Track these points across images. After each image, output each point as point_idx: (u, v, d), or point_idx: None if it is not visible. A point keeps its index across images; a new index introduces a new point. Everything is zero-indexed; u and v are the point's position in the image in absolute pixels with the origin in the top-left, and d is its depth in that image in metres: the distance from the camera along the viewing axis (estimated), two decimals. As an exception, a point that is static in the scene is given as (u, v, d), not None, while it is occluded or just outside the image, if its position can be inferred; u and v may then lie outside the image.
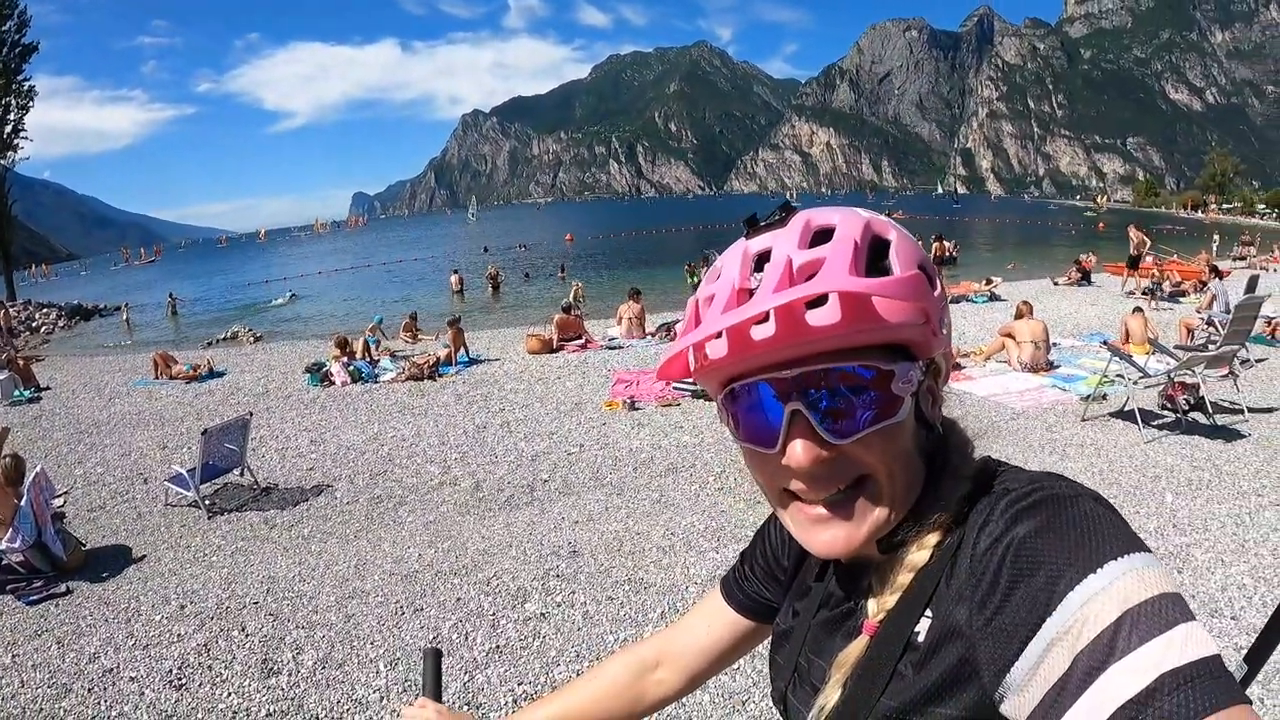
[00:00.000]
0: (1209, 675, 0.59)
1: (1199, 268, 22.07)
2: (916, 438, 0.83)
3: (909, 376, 0.79)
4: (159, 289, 43.21)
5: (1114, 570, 0.64)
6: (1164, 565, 0.64)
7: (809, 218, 0.80)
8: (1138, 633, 0.61)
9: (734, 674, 4.04)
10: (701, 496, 7.11)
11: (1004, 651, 0.67)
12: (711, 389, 0.86)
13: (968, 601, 0.73)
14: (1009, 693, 0.67)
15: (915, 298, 0.76)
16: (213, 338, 22.34)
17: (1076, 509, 0.71)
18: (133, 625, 5.03)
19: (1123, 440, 8.28)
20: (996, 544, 0.72)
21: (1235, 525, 5.90)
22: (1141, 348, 11.52)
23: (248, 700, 4.07)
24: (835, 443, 0.77)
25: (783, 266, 0.74)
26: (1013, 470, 0.83)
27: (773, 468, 0.82)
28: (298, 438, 9.97)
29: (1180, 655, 0.59)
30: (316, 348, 17.25)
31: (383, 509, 7.42)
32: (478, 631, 4.71)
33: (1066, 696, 0.62)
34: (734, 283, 0.78)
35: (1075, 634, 0.63)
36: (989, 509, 0.76)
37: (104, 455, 9.56)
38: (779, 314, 0.72)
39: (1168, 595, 0.63)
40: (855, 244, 0.75)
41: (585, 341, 16.03)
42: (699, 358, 0.80)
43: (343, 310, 30.04)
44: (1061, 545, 0.68)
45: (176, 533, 7.06)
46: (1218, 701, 0.57)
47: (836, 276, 0.72)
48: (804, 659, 0.96)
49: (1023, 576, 0.68)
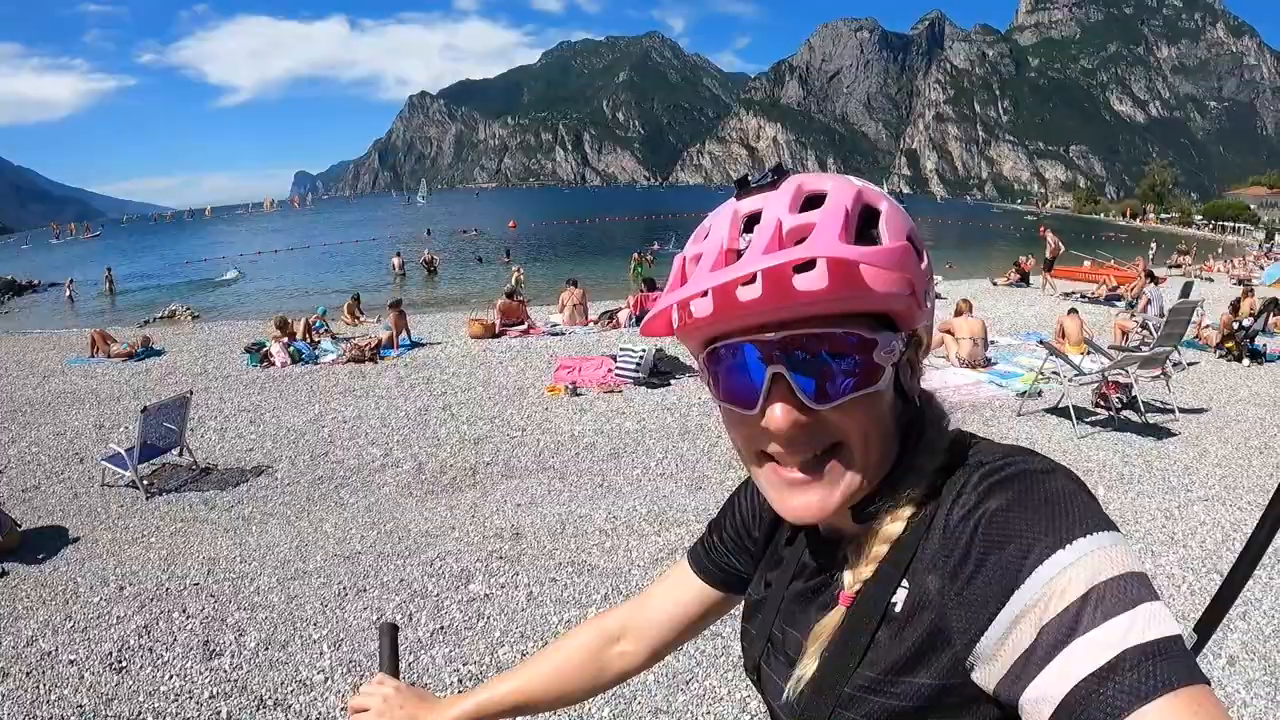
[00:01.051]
0: (1170, 653, 0.60)
1: (1135, 273, 22.62)
2: (894, 408, 0.84)
3: (891, 346, 0.79)
4: (95, 265, 42.26)
5: (1083, 546, 0.66)
6: (1131, 545, 0.69)
7: (801, 182, 0.79)
8: (1103, 608, 0.63)
9: (678, 654, 4.09)
10: (644, 481, 7.19)
11: (974, 621, 0.69)
12: (693, 347, 0.86)
13: (940, 571, 0.74)
14: (979, 662, 0.70)
15: (902, 268, 0.76)
16: (150, 316, 21.88)
17: (1049, 484, 0.73)
18: (70, 608, 4.97)
19: (1056, 435, 8.55)
20: (969, 516, 0.73)
21: (1165, 518, 6.14)
22: (1077, 347, 11.81)
23: (190, 682, 4.04)
24: (815, 407, 0.78)
25: (772, 229, 0.74)
26: (986, 444, 0.84)
27: (750, 428, 0.82)
28: (237, 418, 9.84)
29: (1143, 632, 0.61)
30: (256, 328, 17.00)
31: (324, 490, 7.37)
32: (422, 612, 4.73)
33: (1032, 667, 0.64)
34: (723, 242, 0.77)
35: (1043, 606, 0.65)
36: (963, 481, 0.78)
37: (38, 434, 9.34)
38: (766, 276, 0.71)
39: (1134, 574, 0.65)
40: (846, 211, 0.75)
41: (528, 327, 16.02)
42: (683, 315, 0.79)
43: (285, 290, 29.67)
44: (1033, 519, 0.69)
45: (114, 513, 6.94)
46: (1177, 679, 0.59)
47: (826, 242, 0.72)
48: (778, 630, 0.98)
49: (994, 549, 0.70)
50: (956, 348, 12.00)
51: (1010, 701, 0.67)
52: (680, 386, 10.81)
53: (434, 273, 32.17)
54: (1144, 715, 0.58)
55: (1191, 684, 0.59)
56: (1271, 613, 4.65)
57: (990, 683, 0.69)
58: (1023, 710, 0.65)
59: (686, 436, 8.54)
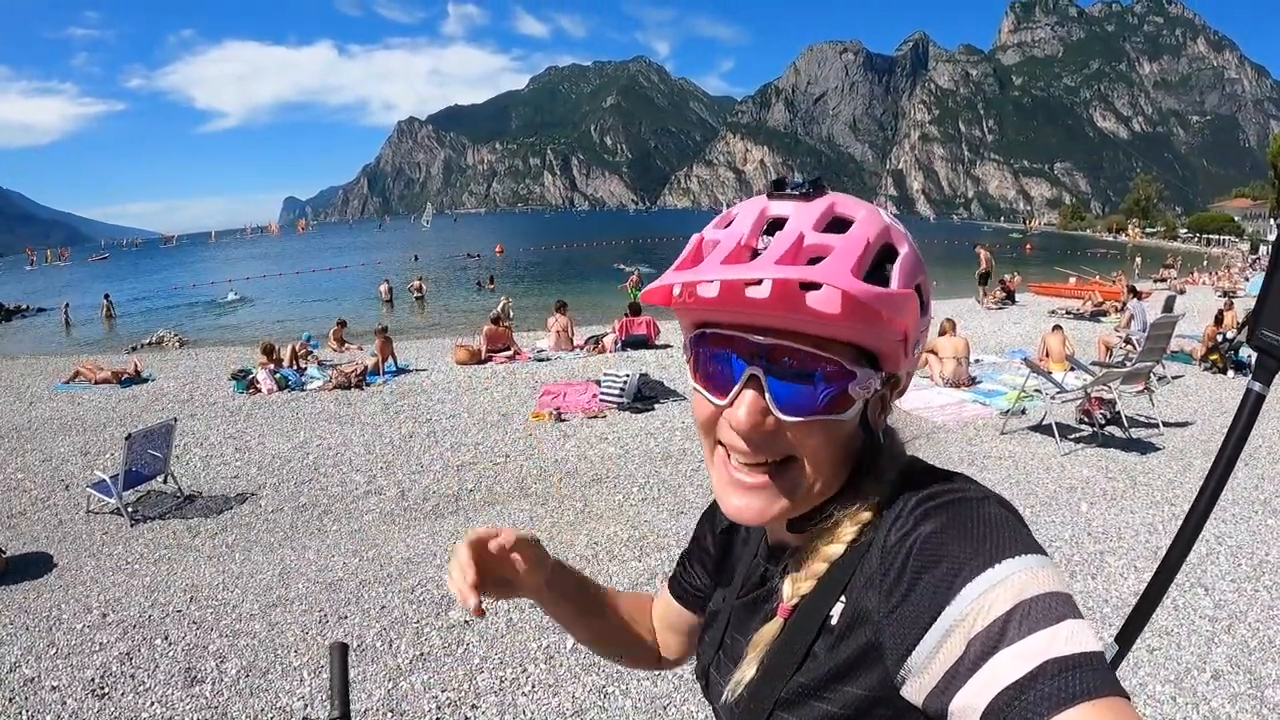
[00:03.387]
0: (1089, 666, 0.63)
1: (1118, 289, 22.78)
2: (853, 438, 0.87)
3: (868, 383, 0.81)
4: (87, 289, 42.22)
5: (1011, 566, 0.69)
6: (1058, 568, 0.73)
7: (834, 201, 0.81)
8: (1027, 623, 0.65)
9: (657, 679, 4.16)
10: (625, 507, 7.20)
11: (906, 637, 0.72)
12: (685, 325, 0.89)
13: (877, 589, 0.77)
14: (909, 676, 0.72)
15: (902, 316, 0.79)
16: (138, 342, 21.87)
17: (981, 510, 0.76)
18: (54, 634, 4.98)
19: (1040, 453, 8.58)
20: (905, 538, 0.76)
21: (1149, 533, 6.19)
22: (1060, 364, 11.86)
23: (170, 709, 4.07)
24: (780, 416, 0.80)
25: (792, 240, 0.76)
26: (929, 470, 0.88)
27: (716, 415, 0.85)
28: (223, 445, 9.85)
29: (1065, 647, 0.64)
30: (243, 354, 17.01)
31: (308, 517, 7.39)
32: (401, 639, 4.75)
33: (958, 678, 0.67)
34: (742, 237, 0.79)
35: (971, 621, 0.67)
36: (902, 506, 0.81)
37: (24, 460, 9.35)
38: (776, 286, 0.73)
39: (1059, 594, 0.68)
40: (867, 243, 0.77)
41: (514, 353, 16.02)
42: (686, 293, 0.80)
43: (274, 316, 29.71)
44: (964, 542, 0.73)
45: (99, 540, 6.96)
46: (1095, 689, 0.61)
47: (838, 273, 0.74)
48: (728, 637, 1.02)
49: (926, 568, 0.73)
50: (940, 367, 12.05)
51: (939, 712, 0.69)
52: (664, 411, 10.83)
53: (422, 300, 32.19)
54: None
55: (1110, 695, 0.62)
56: (1256, 626, 4.71)
57: (919, 696, 0.72)
58: (949, 719, 0.68)
59: (669, 461, 8.56)
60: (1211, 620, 4.79)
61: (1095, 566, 5.58)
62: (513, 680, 4.25)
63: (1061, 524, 6.43)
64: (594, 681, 4.20)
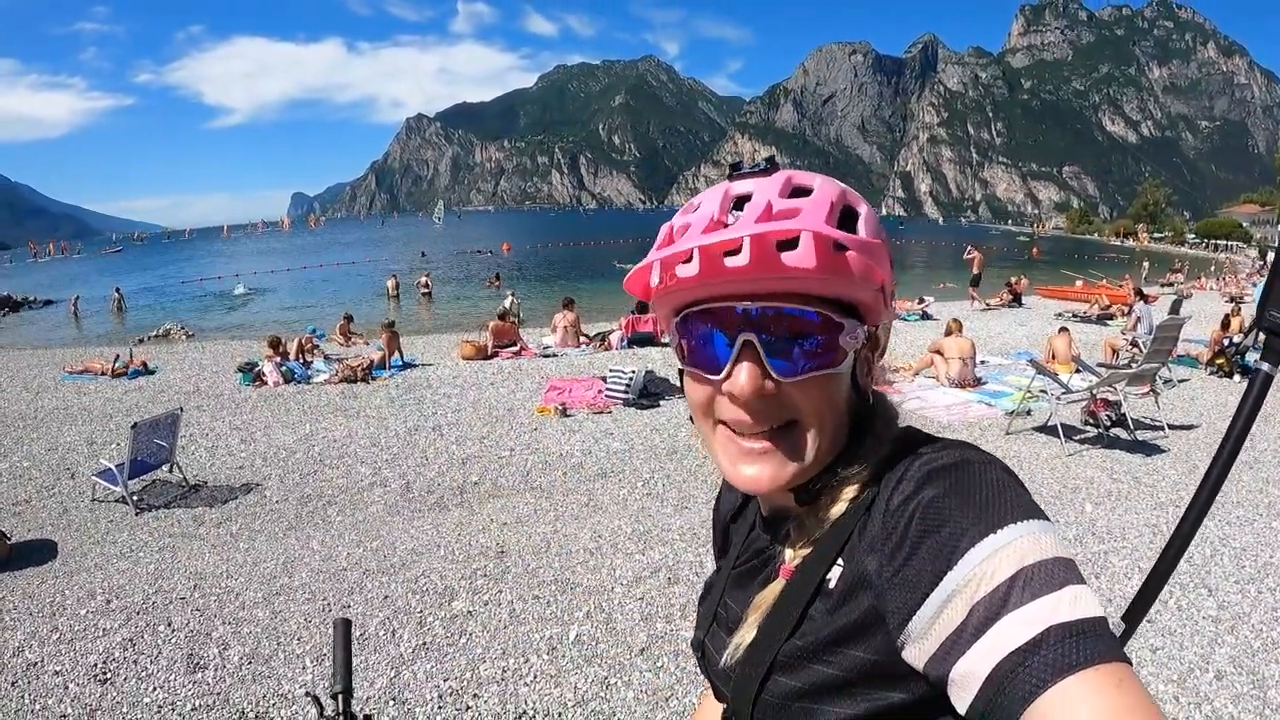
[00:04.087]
0: (1092, 632, 0.63)
1: (1126, 292, 22.76)
2: (848, 398, 0.88)
3: (856, 334, 0.83)
4: (95, 283, 42.36)
5: (1013, 532, 0.70)
6: (1059, 532, 0.73)
7: (791, 175, 0.83)
8: (1030, 589, 0.66)
9: (658, 671, 4.19)
10: (630, 501, 7.22)
11: (908, 601, 0.72)
12: (665, 314, 0.90)
13: (878, 553, 0.77)
14: (910, 640, 0.72)
15: (878, 262, 0.81)
16: (145, 334, 21.90)
17: (984, 475, 0.76)
18: (57, 619, 4.99)
19: (1045, 453, 8.59)
20: (908, 502, 0.77)
21: (1152, 534, 6.17)
22: (1066, 366, 11.86)
23: (173, 695, 4.07)
24: (778, 379, 0.82)
25: (762, 207, 0.78)
26: (929, 438, 0.88)
27: (713, 395, 0.86)
28: (228, 436, 9.89)
29: (1069, 612, 0.64)
30: (249, 347, 17.05)
31: (312, 508, 7.42)
32: (405, 629, 4.76)
33: (962, 643, 0.67)
34: (712, 215, 0.81)
35: (974, 587, 0.68)
36: (904, 469, 0.81)
37: (30, 449, 9.39)
38: (754, 244, 0.74)
39: (1061, 559, 0.68)
40: (831, 203, 0.80)
41: (520, 349, 16.07)
42: (665, 277, 0.82)
43: (281, 311, 29.78)
44: (967, 506, 0.73)
45: (103, 528, 7.00)
46: (1098, 655, 0.62)
47: (814, 221, 0.76)
48: (723, 607, 1.02)
49: (929, 532, 0.73)
50: (946, 367, 12.06)
51: (939, 677, 0.70)
52: (669, 407, 10.83)
53: (429, 295, 32.23)
54: (1065, 688, 0.61)
55: (1113, 660, 0.62)
56: (1260, 627, 4.70)
57: (920, 660, 0.72)
58: (951, 684, 0.69)
59: (674, 456, 8.57)
60: (1215, 621, 4.77)
61: (1099, 566, 5.57)
62: (515, 670, 4.25)
63: (1066, 524, 6.42)
64: (596, 672, 4.20)
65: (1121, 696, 0.60)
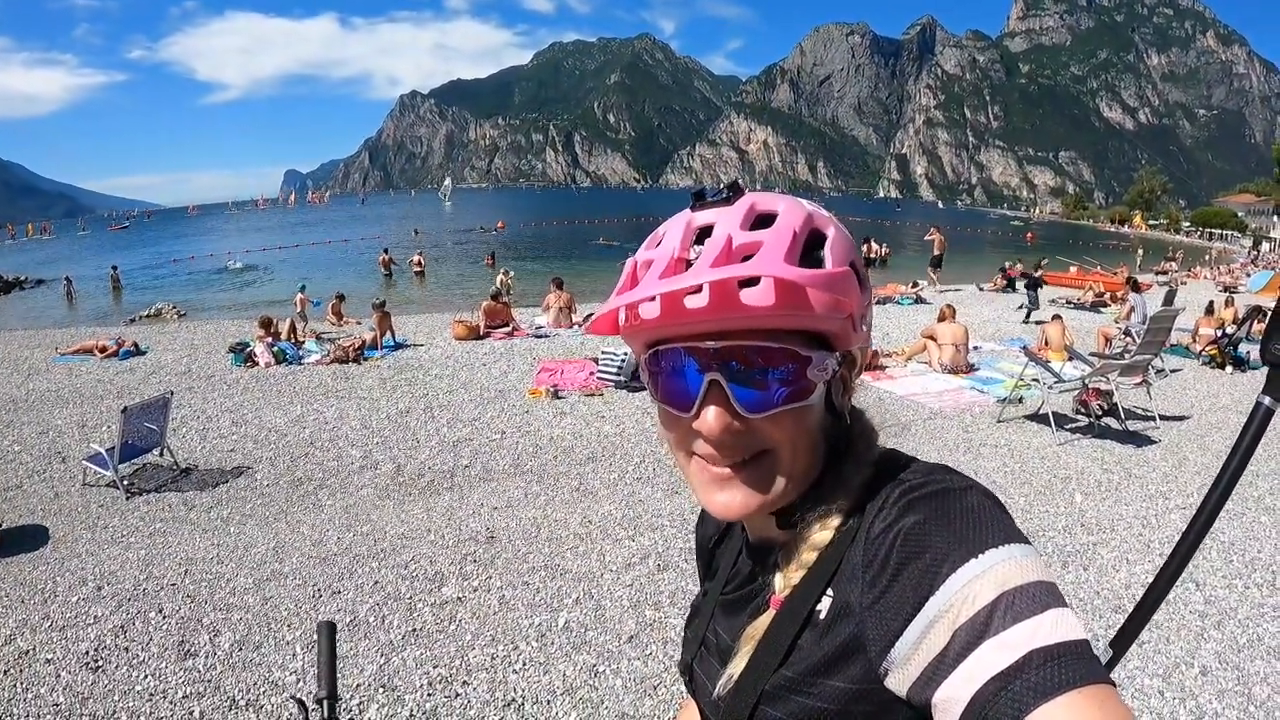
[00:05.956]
0: (1075, 655, 0.63)
1: (1119, 280, 22.76)
2: (823, 422, 0.87)
3: (824, 365, 0.82)
4: (85, 262, 42.20)
5: (994, 557, 0.69)
6: (1041, 557, 0.73)
7: (755, 201, 0.83)
8: (1012, 613, 0.66)
9: (646, 659, 4.20)
10: (620, 485, 7.23)
11: (889, 628, 0.72)
12: (636, 348, 0.90)
13: (860, 581, 0.77)
14: (893, 667, 0.72)
15: (842, 293, 0.80)
16: (136, 314, 21.82)
17: (964, 501, 0.76)
18: (49, 607, 4.99)
19: (1036, 442, 8.60)
20: (889, 529, 0.76)
21: (1142, 526, 6.19)
22: (1059, 354, 11.90)
23: (164, 682, 4.07)
24: (747, 415, 0.81)
25: (722, 244, 0.77)
26: (910, 462, 0.88)
27: (684, 429, 0.85)
28: (219, 418, 9.86)
29: (1050, 636, 0.64)
30: (241, 327, 17.01)
31: (303, 492, 7.41)
32: (394, 615, 4.77)
33: (944, 668, 0.67)
34: (674, 251, 0.80)
35: (955, 612, 0.67)
36: (885, 497, 0.81)
37: (21, 433, 9.33)
38: (713, 289, 0.74)
39: (1042, 583, 0.68)
40: (794, 233, 0.79)
41: (512, 329, 16.08)
42: (630, 316, 0.81)
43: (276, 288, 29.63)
44: (947, 532, 0.73)
45: (94, 513, 6.98)
46: (1081, 678, 0.62)
47: (771, 262, 0.75)
48: (711, 633, 1.02)
49: (910, 559, 0.73)
50: (939, 353, 12.10)
51: (922, 704, 0.70)
52: (662, 391, 10.80)
53: (422, 274, 32.16)
54: (1047, 711, 0.60)
55: (1095, 683, 0.62)
56: (1246, 623, 4.71)
57: (903, 687, 0.71)
58: (934, 710, 0.68)
59: (664, 440, 8.54)
60: (1201, 616, 4.79)
61: (1087, 558, 5.58)
62: (504, 657, 4.26)
63: (1055, 514, 6.44)
64: (585, 660, 4.22)
65: (1104, 718, 0.60)
